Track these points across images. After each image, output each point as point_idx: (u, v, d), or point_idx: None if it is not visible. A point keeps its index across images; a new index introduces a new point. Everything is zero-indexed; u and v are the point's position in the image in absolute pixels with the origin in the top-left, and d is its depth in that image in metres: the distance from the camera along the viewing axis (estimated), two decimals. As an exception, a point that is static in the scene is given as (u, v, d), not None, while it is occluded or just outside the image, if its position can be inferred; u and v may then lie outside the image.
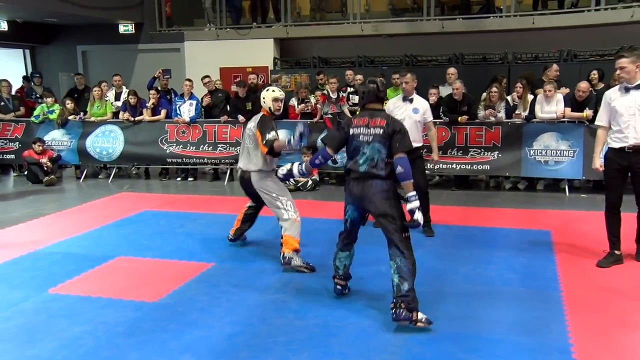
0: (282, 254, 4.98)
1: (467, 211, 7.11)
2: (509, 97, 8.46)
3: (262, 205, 5.39)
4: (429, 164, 8.22)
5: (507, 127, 8.09)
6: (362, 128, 3.96)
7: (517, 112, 8.22)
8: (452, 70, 8.80)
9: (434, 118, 8.14)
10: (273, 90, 5.18)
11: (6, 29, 11.66)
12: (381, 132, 3.88)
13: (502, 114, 8.11)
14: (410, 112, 5.84)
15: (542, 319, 3.91)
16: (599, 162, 5.11)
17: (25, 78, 11.26)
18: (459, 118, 8.02)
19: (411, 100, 5.89)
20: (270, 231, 6.20)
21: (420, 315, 3.73)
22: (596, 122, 5.21)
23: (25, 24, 12.09)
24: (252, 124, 5.12)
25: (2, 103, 9.97)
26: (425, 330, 3.73)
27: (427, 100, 7.07)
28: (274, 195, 5.07)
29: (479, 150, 8.16)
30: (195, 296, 4.39)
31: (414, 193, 3.88)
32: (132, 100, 9.47)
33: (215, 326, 3.87)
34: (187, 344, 3.63)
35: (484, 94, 8.42)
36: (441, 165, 8.22)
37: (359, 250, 5.18)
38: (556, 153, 7.93)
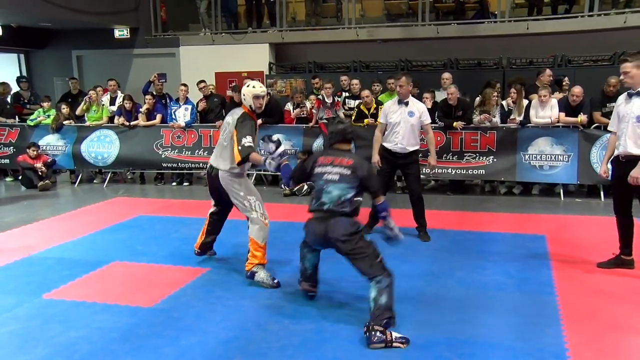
0: (245, 267, 4.78)
1: (462, 216, 7.13)
2: (503, 102, 8.50)
3: (226, 209, 5.16)
4: (423, 169, 8.28)
5: (502, 132, 8.12)
6: (327, 167, 4.01)
7: (511, 117, 8.26)
8: (446, 75, 8.84)
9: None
10: (254, 87, 4.73)
11: (0, 33, 11.63)
12: (349, 173, 3.95)
13: (497, 119, 8.14)
14: (406, 115, 5.80)
15: (537, 324, 3.92)
16: (603, 168, 5.09)
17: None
18: (454, 124, 8.04)
19: (407, 104, 5.85)
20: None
21: (395, 335, 3.64)
22: (608, 127, 5.16)
23: (20, 29, 12.05)
24: (231, 118, 4.77)
25: (8, 106, 9.96)
26: (419, 335, 3.73)
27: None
28: (241, 194, 4.77)
29: (474, 155, 8.19)
30: (191, 301, 4.38)
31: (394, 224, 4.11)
32: (128, 105, 9.46)
33: (210, 332, 3.86)
34: (182, 349, 3.62)
35: (478, 99, 8.45)
36: (436, 169, 8.25)
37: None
38: (551, 158, 7.96)
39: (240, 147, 4.51)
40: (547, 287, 4.61)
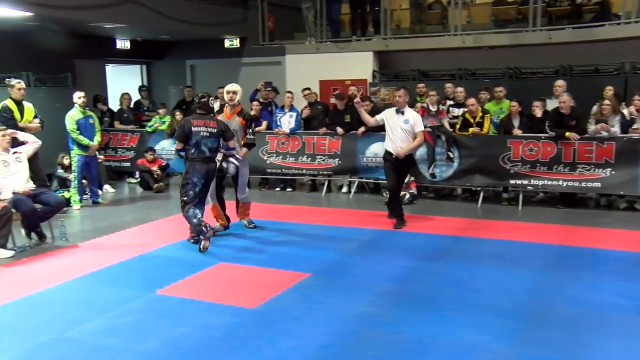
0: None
1: (574, 230, 6.69)
2: (625, 111, 7.89)
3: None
4: (531, 180, 7.89)
5: (623, 142, 7.54)
6: (201, 127, 6.02)
7: (634, 126, 7.64)
8: (560, 82, 8.37)
9: (539, 132, 7.89)
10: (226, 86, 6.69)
11: (129, 47, 12.65)
12: (215, 131, 6.07)
13: (616, 129, 7.58)
14: (402, 122, 6.78)
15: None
16: None
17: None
18: (567, 134, 7.58)
19: (403, 113, 6.82)
20: (366, 243, 6.20)
21: (204, 244, 5.92)
22: None
23: (143, 42, 13.02)
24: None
25: (125, 115, 10.75)
26: (526, 353, 3.55)
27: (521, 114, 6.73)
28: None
29: (589, 167, 7.67)
30: (291, 305, 4.46)
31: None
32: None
33: (308, 336, 3.91)
34: (281, 352, 3.69)
35: (595, 108, 7.93)
36: (546, 181, 7.84)
37: (455, 269, 5.09)
38: (682, 171, 7.25)
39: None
40: (676, 314, 4.20)
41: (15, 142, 6.66)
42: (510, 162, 8.04)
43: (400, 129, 6.77)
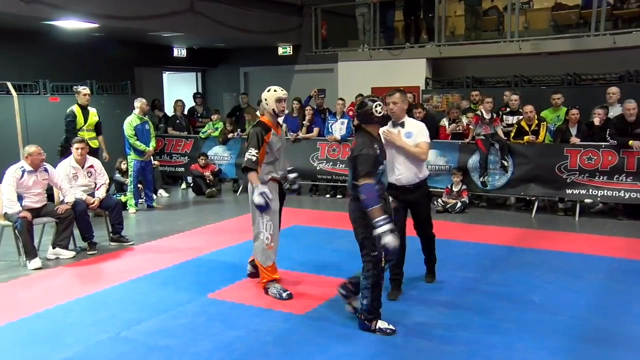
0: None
1: (639, 244, 6.40)
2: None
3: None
4: (590, 190, 7.60)
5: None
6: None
7: None
8: (614, 89, 8.09)
9: (600, 140, 7.59)
10: (275, 90, 4.93)
11: (185, 55, 13.00)
12: (349, 156, 4.14)
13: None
14: (404, 137, 4.78)
15: None
16: None
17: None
18: (630, 142, 7.27)
19: (402, 125, 4.82)
20: (418, 252, 6.10)
21: (380, 325, 4.02)
22: None
23: (199, 50, 13.36)
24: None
25: (178, 121, 11.03)
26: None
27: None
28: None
29: (655, 177, 7.32)
30: (341, 312, 4.44)
31: (380, 218, 3.75)
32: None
33: (360, 344, 3.89)
34: (332, 359, 3.67)
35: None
36: (605, 192, 7.54)
37: (510, 280, 4.95)
38: None
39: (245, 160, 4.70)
40: None
41: (92, 152, 6.86)
42: (567, 171, 7.78)
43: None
